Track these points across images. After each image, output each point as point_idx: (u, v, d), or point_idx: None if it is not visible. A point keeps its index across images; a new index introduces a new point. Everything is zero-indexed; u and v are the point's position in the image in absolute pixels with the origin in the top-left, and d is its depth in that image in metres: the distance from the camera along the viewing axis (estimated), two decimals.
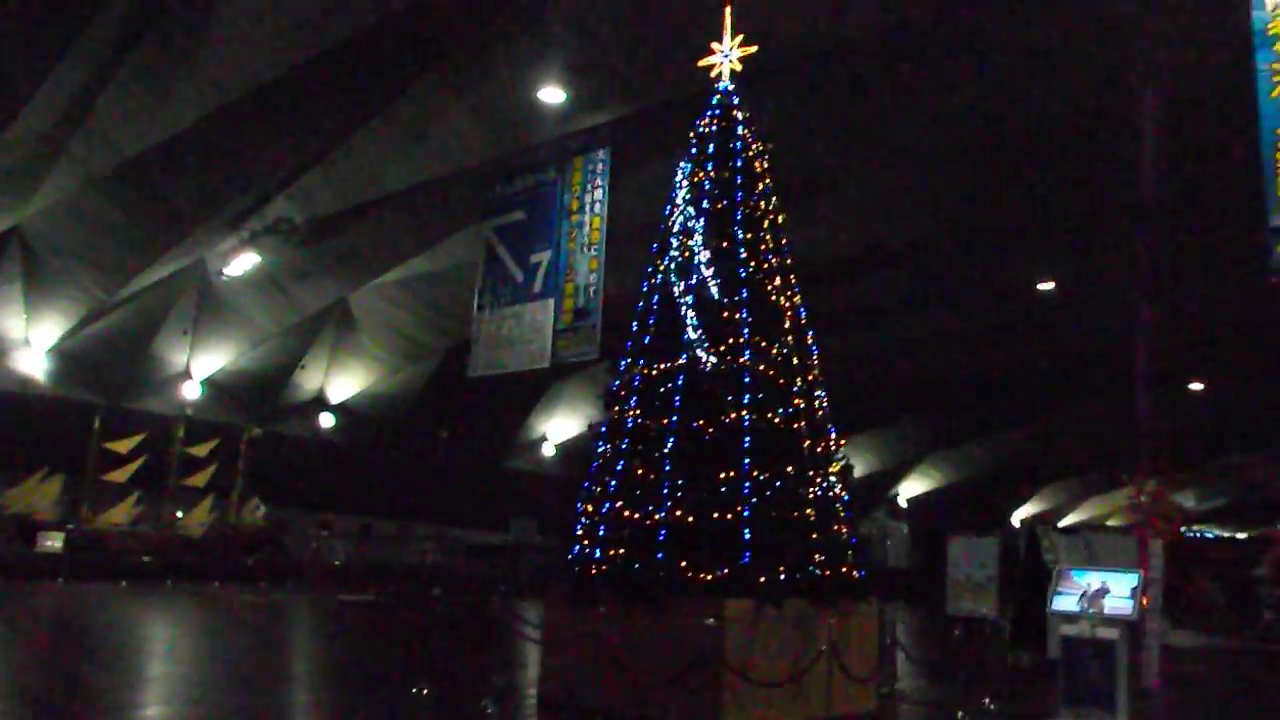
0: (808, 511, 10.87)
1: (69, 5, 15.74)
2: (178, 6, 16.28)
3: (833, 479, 11.55)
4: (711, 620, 9.49)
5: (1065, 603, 11.20)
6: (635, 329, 12.15)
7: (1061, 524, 49.20)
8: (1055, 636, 12.47)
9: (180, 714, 9.60)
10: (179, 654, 14.27)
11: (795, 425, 11.21)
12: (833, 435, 12.02)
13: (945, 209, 22.81)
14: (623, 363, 12.00)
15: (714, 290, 11.67)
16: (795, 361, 11.58)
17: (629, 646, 10.39)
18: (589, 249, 18.82)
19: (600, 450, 11.77)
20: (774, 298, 11.73)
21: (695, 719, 9.83)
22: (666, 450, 11.10)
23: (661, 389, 11.49)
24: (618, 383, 11.94)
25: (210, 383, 30.26)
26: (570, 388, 34.84)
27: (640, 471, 11.25)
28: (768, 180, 12.39)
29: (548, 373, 33.05)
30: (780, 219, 12.33)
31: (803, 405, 11.41)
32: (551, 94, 17.67)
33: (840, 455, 12.12)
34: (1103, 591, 11.14)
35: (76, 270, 24.80)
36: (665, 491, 10.89)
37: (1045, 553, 17.96)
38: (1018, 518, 51.29)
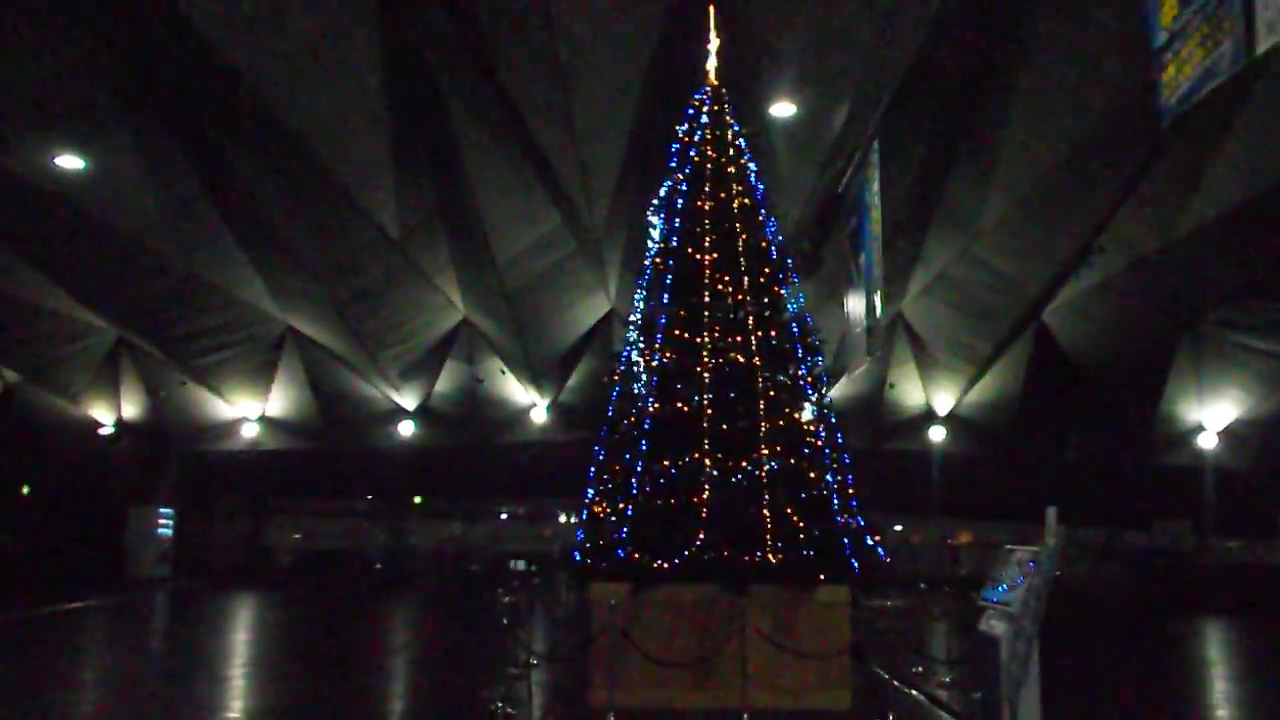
0: (704, 496, 11.04)
1: None
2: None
3: (769, 463, 11.31)
4: (508, 598, 10.62)
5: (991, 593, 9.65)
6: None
7: None
8: None
9: None
10: None
11: (704, 413, 11.42)
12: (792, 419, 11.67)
13: None
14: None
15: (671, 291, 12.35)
16: (722, 349, 11.69)
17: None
18: (876, 241, 18.57)
19: None
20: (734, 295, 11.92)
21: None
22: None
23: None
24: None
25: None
26: (1214, 370, 30.59)
27: None
28: (739, 171, 12.51)
29: (1161, 358, 30.00)
30: (760, 215, 12.34)
31: (716, 394, 11.48)
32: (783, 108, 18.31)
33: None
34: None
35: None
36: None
37: None
38: None
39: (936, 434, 33.68)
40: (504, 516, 38.92)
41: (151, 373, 32.76)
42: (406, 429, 34.32)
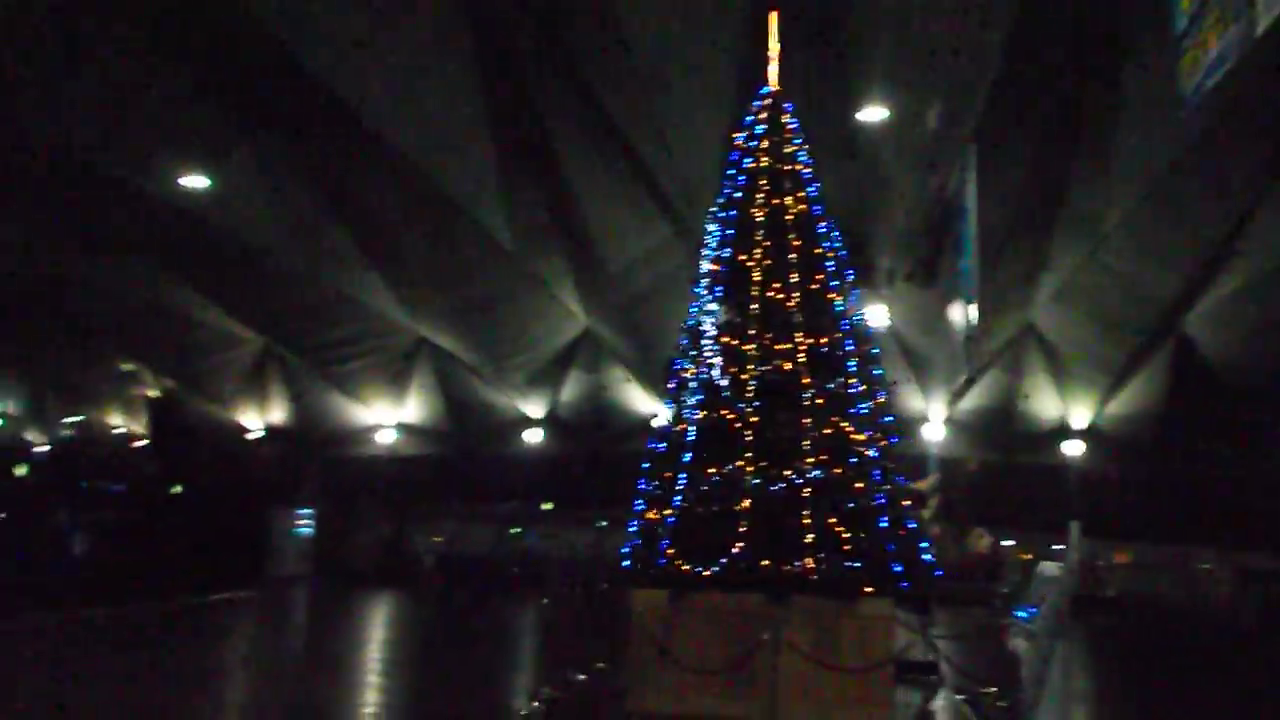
0: (743, 504, 10.98)
1: None
2: None
3: (812, 472, 11.11)
4: (546, 600, 10.74)
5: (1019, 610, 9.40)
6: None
7: None
8: None
9: None
10: None
11: (750, 422, 11.32)
12: (846, 430, 11.44)
13: None
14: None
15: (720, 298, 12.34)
16: (769, 356, 11.57)
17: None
18: (975, 246, 18.02)
19: None
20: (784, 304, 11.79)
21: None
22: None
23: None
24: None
25: (951, 423, 32.79)
26: None
27: None
28: (795, 177, 12.35)
29: None
30: (818, 229, 12.16)
31: (762, 402, 11.36)
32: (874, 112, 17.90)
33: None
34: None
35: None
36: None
37: None
38: None
39: (1071, 448, 32.19)
40: None
41: (295, 380, 34.53)
42: (534, 436, 35.01)
